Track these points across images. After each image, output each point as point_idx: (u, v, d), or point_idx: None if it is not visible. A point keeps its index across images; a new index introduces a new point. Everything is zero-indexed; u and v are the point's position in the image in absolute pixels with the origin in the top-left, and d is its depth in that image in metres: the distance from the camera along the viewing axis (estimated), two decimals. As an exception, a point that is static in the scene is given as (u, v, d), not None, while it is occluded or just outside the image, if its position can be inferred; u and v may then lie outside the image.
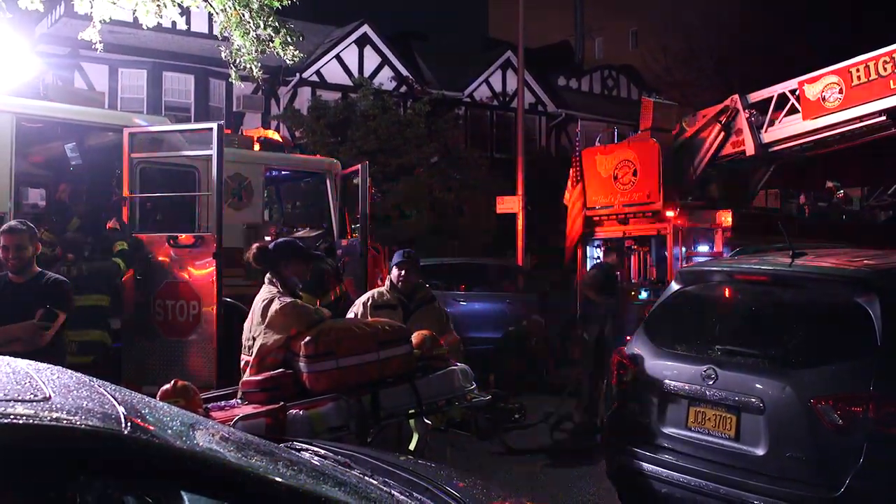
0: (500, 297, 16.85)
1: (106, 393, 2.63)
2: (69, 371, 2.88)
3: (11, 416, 2.16)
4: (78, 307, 6.74)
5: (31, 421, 2.18)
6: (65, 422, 2.23)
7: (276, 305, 5.60)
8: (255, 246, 6.19)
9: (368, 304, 6.87)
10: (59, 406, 2.33)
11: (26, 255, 5.85)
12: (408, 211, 22.95)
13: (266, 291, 5.79)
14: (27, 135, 8.91)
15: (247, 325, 5.83)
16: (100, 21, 8.95)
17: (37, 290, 5.88)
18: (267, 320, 5.59)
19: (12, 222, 6.17)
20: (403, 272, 6.95)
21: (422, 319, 6.64)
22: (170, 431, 2.57)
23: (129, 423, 2.35)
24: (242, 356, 5.80)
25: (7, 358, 2.91)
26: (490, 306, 16.37)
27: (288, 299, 5.68)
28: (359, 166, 10.70)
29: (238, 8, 8.89)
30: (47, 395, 2.39)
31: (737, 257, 6.64)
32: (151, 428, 2.46)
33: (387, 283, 7.16)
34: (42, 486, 2.29)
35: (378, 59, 28.09)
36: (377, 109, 23.64)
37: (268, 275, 5.91)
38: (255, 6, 8.95)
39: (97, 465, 2.30)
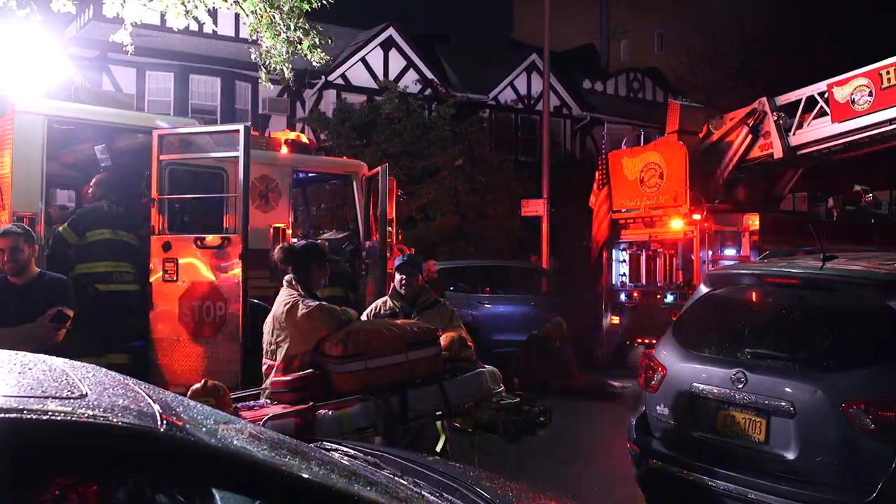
0: (524, 299, 16.83)
1: (141, 391, 2.65)
2: (104, 369, 2.90)
3: (49, 413, 2.18)
4: None
5: (67, 418, 2.20)
6: (101, 419, 2.24)
7: (302, 310, 5.56)
8: (280, 246, 6.18)
9: (370, 314, 6.84)
10: (95, 403, 2.34)
11: (23, 257, 5.94)
12: (432, 213, 22.97)
13: (286, 294, 5.73)
14: (58, 136, 9.01)
15: (267, 328, 5.78)
16: (130, 23, 9.02)
17: (39, 291, 5.98)
18: (295, 325, 5.56)
19: (8, 226, 6.26)
20: (405, 277, 6.82)
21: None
22: (203, 430, 2.58)
23: (164, 421, 2.36)
24: (265, 360, 5.78)
25: (43, 356, 2.93)
26: (514, 309, 16.36)
27: (314, 303, 5.65)
28: (378, 169, 10.72)
29: (269, 10, 8.93)
30: (83, 393, 2.41)
31: (766, 260, 6.60)
32: (186, 426, 2.47)
33: (391, 289, 7.06)
34: (78, 483, 2.31)
35: (403, 62, 28.13)
36: (402, 112, 23.70)
37: (287, 277, 5.87)
38: (286, 8, 8.98)
39: (132, 462, 2.31)
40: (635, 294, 15.12)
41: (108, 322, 8.53)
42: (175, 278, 8.74)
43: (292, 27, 9.11)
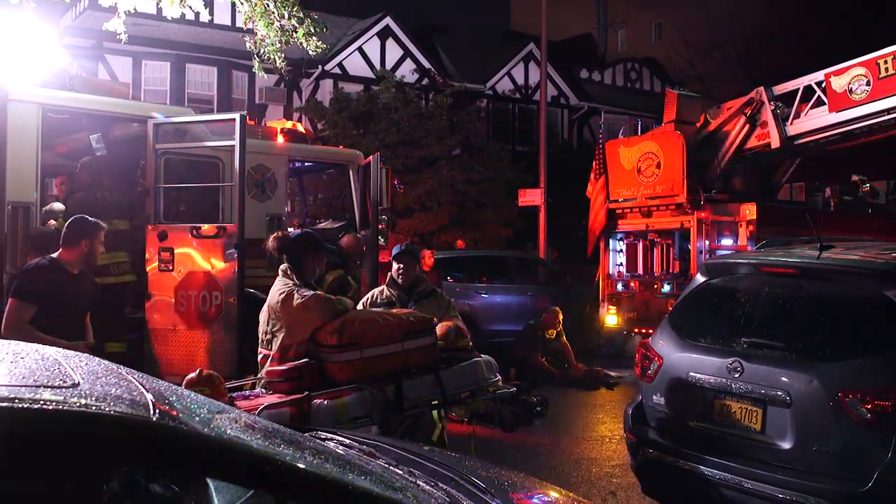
0: (521, 289, 16.82)
1: (134, 380, 2.64)
2: (97, 358, 2.89)
3: (41, 402, 2.17)
4: None
5: (60, 407, 2.19)
6: (93, 408, 2.23)
7: (297, 299, 5.56)
8: (274, 235, 6.19)
9: (367, 303, 6.82)
10: (87, 392, 2.33)
11: None
12: (429, 203, 22.93)
13: (282, 284, 5.74)
14: (53, 125, 8.97)
15: (262, 317, 5.79)
16: (124, 12, 8.97)
17: (85, 282, 6.17)
18: (290, 315, 5.56)
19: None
20: (402, 266, 6.80)
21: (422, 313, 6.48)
22: (197, 419, 2.57)
23: (157, 410, 2.35)
24: (260, 349, 5.79)
25: (35, 345, 2.92)
26: (511, 299, 16.37)
27: (309, 292, 5.65)
28: (371, 158, 10.70)
29: (263, -2, 8.90)
30: (76, 382, 2.40)
31: (763, 249, 6.59)
32: (179, 415, 2.46)
33: (388, 278, 7.04)
34: (70, 472, 2.29)
35: (400, 52, 28.07)
36: (399, 102, 23.63)
37: (282, 266, 5.88)
38: (281, -4, 8.95)
39: (125, 451, 2.30)
40: (632, 284, 15.12)
41: (106, 315, 8.50)
42: (171, 268, 8.72)
43: (287, 15, 9.05)
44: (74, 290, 5.94)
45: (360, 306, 6.71)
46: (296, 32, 9.27)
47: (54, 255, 6.03)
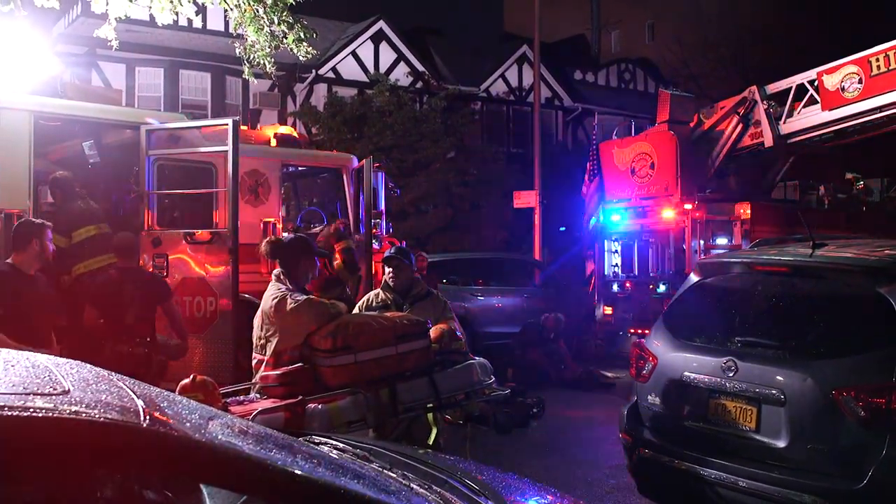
0: (516, 291, 16.83)
1: (125, 386, 2.63)
2: (88, 365, 2.88)
3: (31, 410, 2.16)
4: None
5: (50, 414, 2.18)
6: (84, 415, 2.23)
7: (290, 304, 5.57)
8: (268, 240, 6.20)
9: (363, 306, 6.83)
10: (78, 399, 2.32)
11: None
12: (424, 206, 22.93)
13: (275, 289, 5.75)
14: (46, 133, 8.96)
15: (256, 323, 5.80)
16: (115, 19, 8.95)
17: (41, 282, 6.26)
18: (283, 320, 5.56)
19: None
20: (392, 270, 6.84)
21: (417, 315, 6.45)
22: (188, 425, 2.56)
23: (147, 417, 2.34)
24: (255, 355, 5.79)
25: (26, 353, 2.92)
26: (507, 301, 16.36)
27: (302, 297, 5.67)
28: (364, 161, 10.72)
29: (252, 3, 8.88)
30: (66, 389, 2.39)
31: (756, 248, 6.60)
32: (170, 421, 2.45)
33: (382, 281, 7.06)
34: (61, 480, 2.29)
35: (394, 55, 28.04)
36: (393, 105, 23.62)
37: (276, 271, 5.89)
38: (270, 1, 8.93)
39: (116, 457, 2.30)
40: (627, 284, 15.12)
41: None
42: (165, 274, 8.71)
43: (276, 20, 9.04)
44: (33, 291, 6.00)
45: (355, 310, 6.72)
46: (286, 38, 9.26)
47: (9, 259, 6.10)
